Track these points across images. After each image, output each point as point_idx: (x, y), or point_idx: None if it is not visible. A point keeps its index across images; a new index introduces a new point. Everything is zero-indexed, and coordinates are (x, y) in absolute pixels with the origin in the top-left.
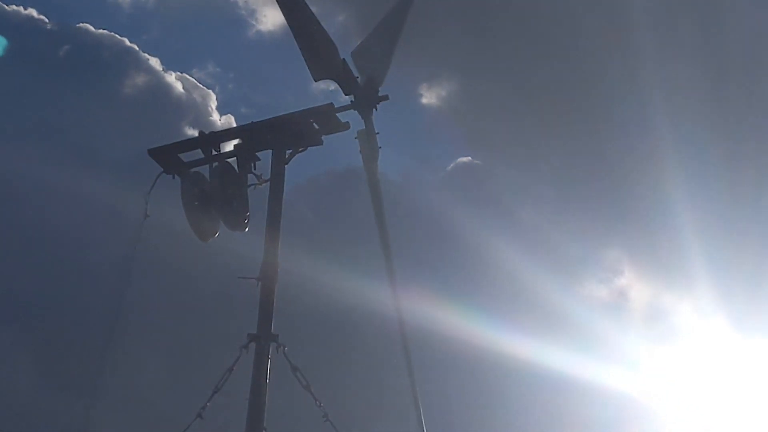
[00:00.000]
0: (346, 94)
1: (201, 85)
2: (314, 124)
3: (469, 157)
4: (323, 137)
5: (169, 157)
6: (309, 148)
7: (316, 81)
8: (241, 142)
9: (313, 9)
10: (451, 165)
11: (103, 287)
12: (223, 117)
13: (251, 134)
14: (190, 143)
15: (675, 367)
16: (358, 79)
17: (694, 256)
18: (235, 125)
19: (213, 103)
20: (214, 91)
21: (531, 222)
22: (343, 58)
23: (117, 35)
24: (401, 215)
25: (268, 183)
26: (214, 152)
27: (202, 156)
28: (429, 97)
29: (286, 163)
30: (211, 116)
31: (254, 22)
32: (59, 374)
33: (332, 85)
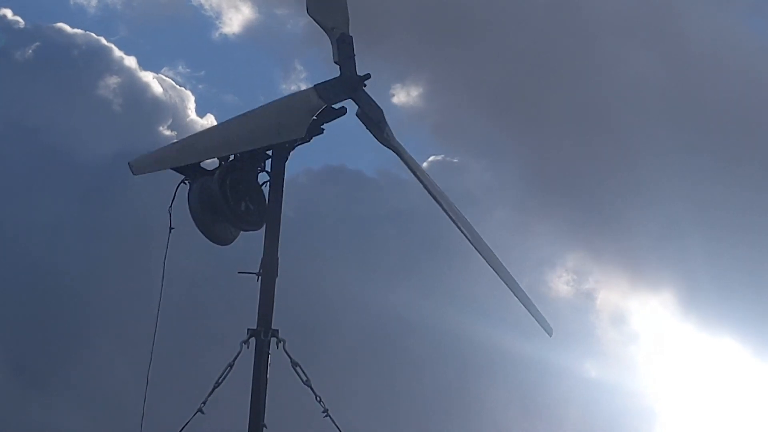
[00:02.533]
0: (335, 62)
1: (178, 86)
2: None
3: (442, 155)
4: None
5: (190, 166)
6: (311, 139)
7: (309, 13)
8: None
9: (282, 11)
10: (424, 163)
11: (72, 286)
12: (204, 117)
13: None
14: None
15: (642, 366)
16: None
17: (661, 259)
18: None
19: (191, 104)
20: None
21: (501, 220)
22: (351, 35)
23: (94, 34)
24: (380, 211)
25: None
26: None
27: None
28: (400, 96)
29: (287, 157)
30: (190, 117)
31: (220, 24)
32: (28, 372)
33: (302, 85)
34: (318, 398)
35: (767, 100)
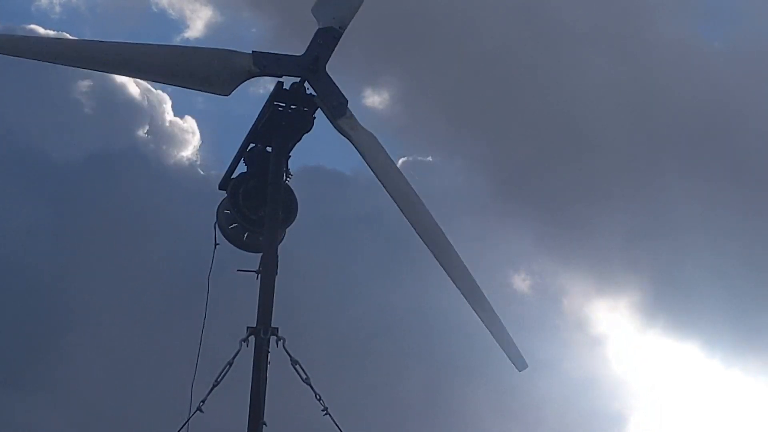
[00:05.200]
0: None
1: (154, 89)
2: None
3: (413, 156)
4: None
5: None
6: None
7: (227, 95)
8: (254, 146)
9: (247, 14)
10: (399, 163)
11: (47, 287)
12: (185, 119)
13: (256, 137)
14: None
15: (610, 370)
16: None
17: (626, 263)
18: (197, 128)
19: (168, 106)
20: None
21: (467, 222)
22: (253, 51)
23: (68, 34)
24: (360, 211)
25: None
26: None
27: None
28: (372, 100)
29: (289, 157)
30: (168, 119)
31: (183, 28)
32: (4, 372)
33: (271, 88)
34: (318, 396)
35: (725, 104)
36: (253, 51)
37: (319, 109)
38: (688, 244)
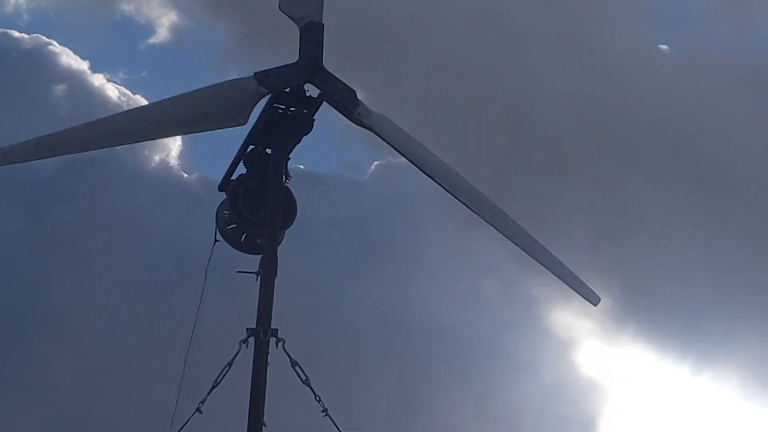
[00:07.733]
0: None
1: (132, 94)
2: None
3: (388, 159)
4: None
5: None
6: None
7: (280, 8)
8: (254, 147)
9: (216, 19)
10: (373, 166)
11: (18, 291)
12: None
13: (257, 138)
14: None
15: (580, 375)
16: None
17: (596, 269)
18: None
19: None
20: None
21: (439, 228)
22: (255, 73)
23: (45, 37)
24: (338, 214)
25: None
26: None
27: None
28: None
29: (288, 158)
30: None
31: (151, 33)
32: None
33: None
34: (317, 397)
35: (682, 108)
36: (255, 73)
37: (317, 110)
38: (658, 250)
